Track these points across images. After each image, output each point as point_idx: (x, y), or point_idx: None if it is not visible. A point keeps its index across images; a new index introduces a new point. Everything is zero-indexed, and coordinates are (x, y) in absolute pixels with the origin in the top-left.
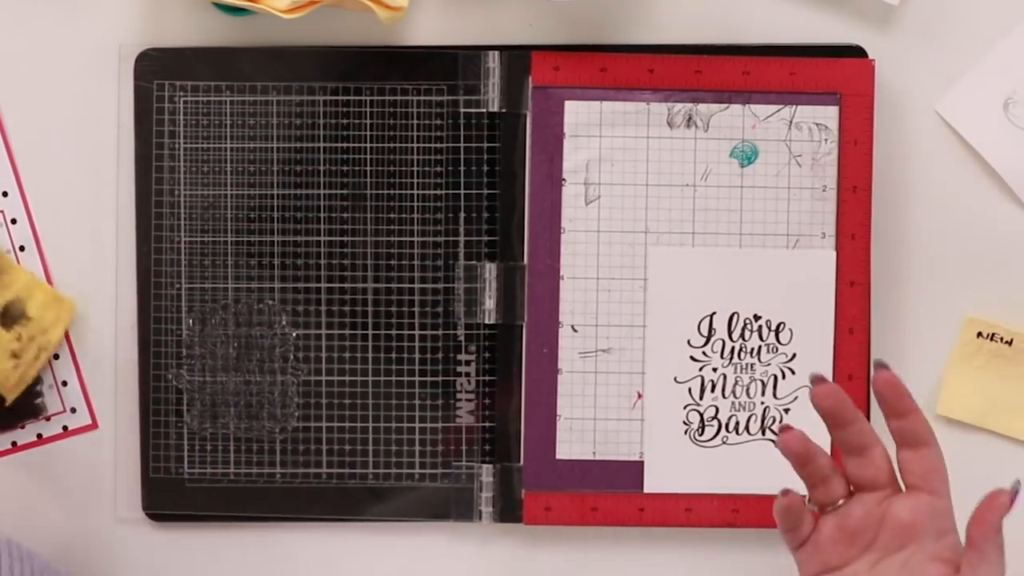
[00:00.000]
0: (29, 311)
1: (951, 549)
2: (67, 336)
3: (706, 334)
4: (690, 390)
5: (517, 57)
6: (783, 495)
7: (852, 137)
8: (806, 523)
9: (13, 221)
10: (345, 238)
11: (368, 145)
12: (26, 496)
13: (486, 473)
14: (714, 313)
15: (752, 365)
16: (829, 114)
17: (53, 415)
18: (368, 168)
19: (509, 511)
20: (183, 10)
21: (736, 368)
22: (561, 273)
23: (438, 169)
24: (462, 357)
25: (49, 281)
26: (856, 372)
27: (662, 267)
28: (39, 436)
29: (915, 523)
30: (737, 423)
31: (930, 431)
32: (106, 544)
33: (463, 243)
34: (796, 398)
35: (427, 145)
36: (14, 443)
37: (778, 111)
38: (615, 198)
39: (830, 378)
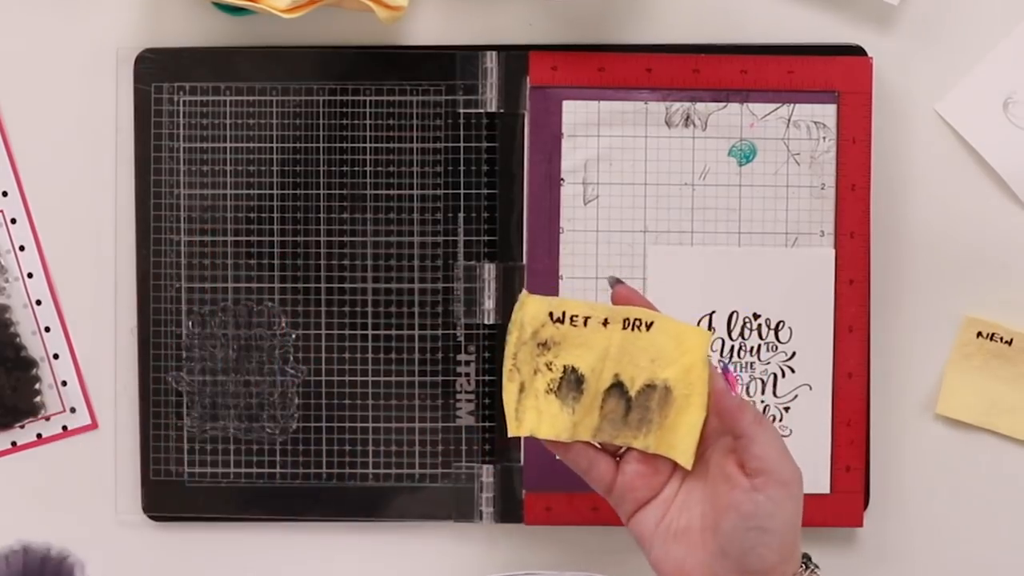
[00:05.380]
0: None
1: None
2: (67, 336)
3: None
4: None
5: (515, 57)
6: (565, 448)
7: (850, 135)
8: (601, 464)
9: (13, 221)
10: (345, 238)
11: (367, 145)
12: (26, 496)
13: (486, 473)
14: (713, 312)
15: (752, 364)
16: (827, 112)
17: (53, 415)
18: (367, 168)
19: (510, 511)
20: (182, 10)
21: (736, 367)
22: (560, 273)
23: (437, 169)
24: (462, 357)
25: (49, 281)
26: (856, 370)
27: (661, 266)
28: (39, 436)
29: (705, 428)
30: None
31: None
32: (106, 544)
33: (462, 243)
34: (796, 396)
35: (426, 145)
36: (14, 443)
37: (776, 110)
38: (614, 197)
39: (829, 377)
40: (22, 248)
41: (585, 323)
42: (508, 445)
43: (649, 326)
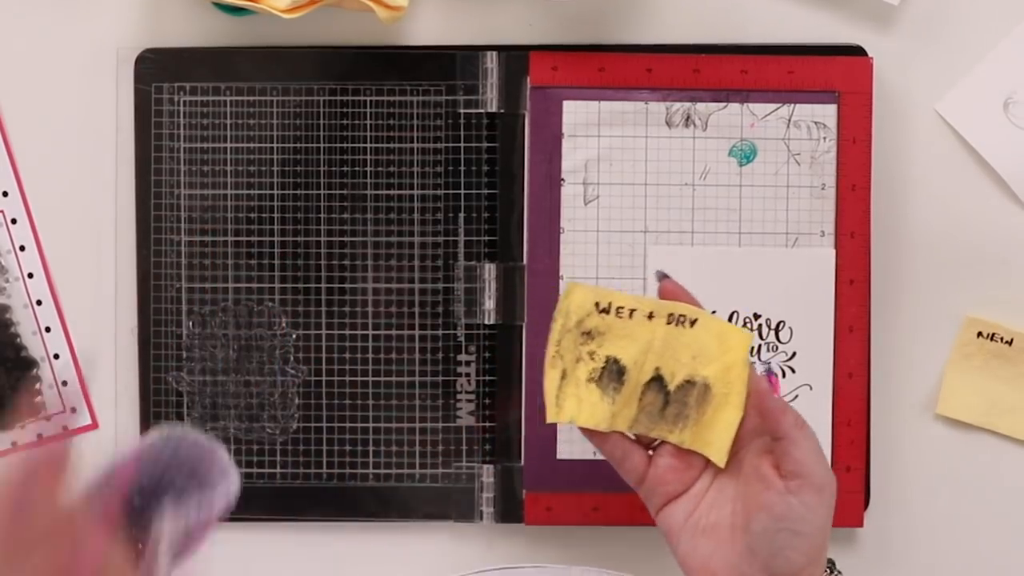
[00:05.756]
0: None
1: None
2: (67, 336)
3: None
4: None
5: (515, 57)
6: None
7: (851, 135)
8: (635, 456)
9: (13, 221)
10: (345, 238)
11: (367, 145)
12: None
13: (487, 473)
14: (714, 312)
15: (752, 363)
16: (828, 112)
17: (53, 415)
18: (367, 168)
19: (510, 511)
20: (182, 10)
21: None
22: (560, 273)
23: (437, 169)
24: (462, 357)
25: (49, 281)
26: (856, 370)
27: (661, 266)
28: (39, 436)
29: (742, 427)
30: None
31: None
32: None
33: (463, 243)
34: (797, 396)
35: (426, 145)
36: (14, 443)
37: (776, 110)
38: (614, 198)
39: (830, 377)
40: (22, 248)
41: (630, 315)
42: (508, 445)
43: (693, 323)
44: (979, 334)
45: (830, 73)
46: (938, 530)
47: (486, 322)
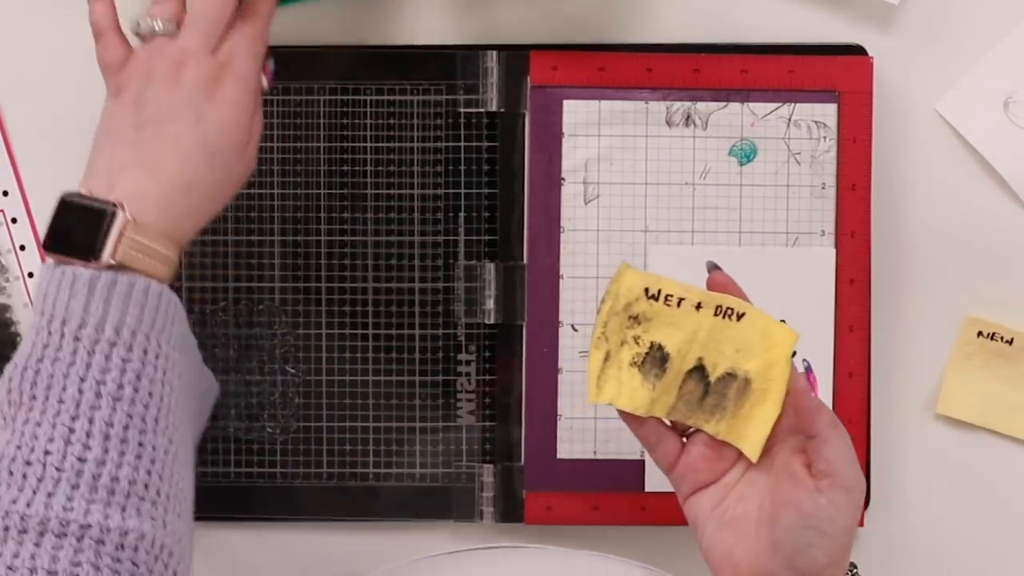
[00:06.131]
0: None
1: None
2: None
3: None
4: None
5: (515, 57)
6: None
7: (851, 135)
8: (669, 442)
9: (13, 220)
10: (345, 238)
11: (368, 145)
12: None
13: (487, 473)
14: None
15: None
16: (828, 112)
17: None
18: (368, 168)
19: (510, 511)
20: None
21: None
22: (561, 272)
23: (437, 169)
24: (462, 357)
25: None
26: (856, 370)
27: (662, 265)
28: None
29: (778, 424)
30: None
31: None
32: None
33: (463, 243)
34: None
35: (426, 145)
36: None
37: (776, 109)
38: (614, 197)
39: (830, 377)
40: (22, 248)
41: (679, 304)
42: (508, 445)
43: (740, 317)
44: (979, 334)
45: (830, 73)
46: (938, 530)
47: (486, 322)
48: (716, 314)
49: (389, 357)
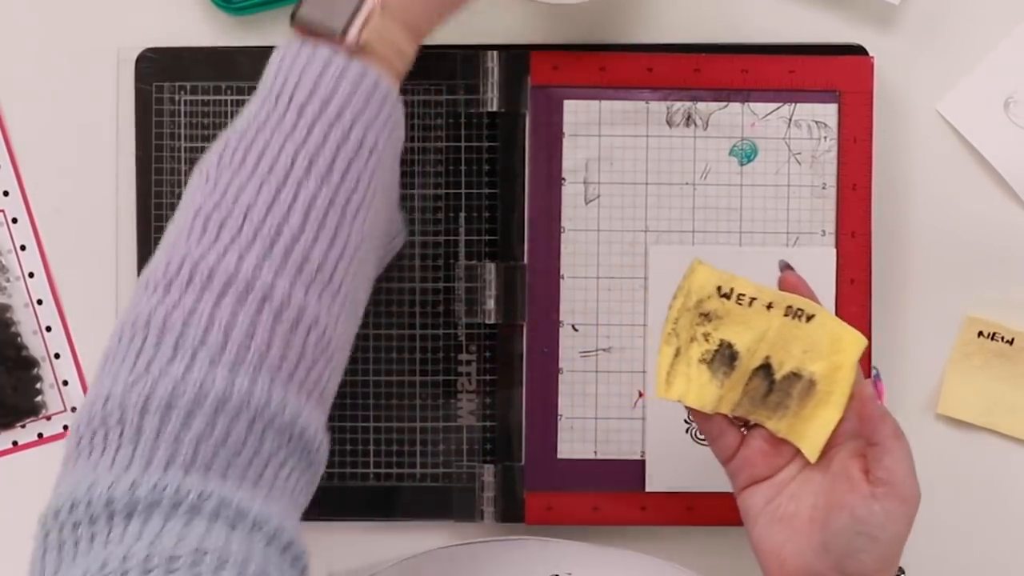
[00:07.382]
0: None
1: None
2: (68, 335)
3: None
4: None
5: (516, 57)
6: (705, 418)
7: (851, 135)
8: (730, 435)
9: (14, 220)
10: None
11: None
12: (27, 496)
13: (487, 473)
14: None
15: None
16: (828, 112)
17: (54, 414)
18: None
19: (511, 511)
20: (183, 10)
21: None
22: (561, 272)
23: (438, 169)
24: (462, 357)
25: (50, 280)
26: None
27: (662, 266)
28: (40, 436)
29: (839, 427)
30: None
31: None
32: None
33: (463, 243)
34: None
35: (427, 145)
36: (15, 443)
37: (777, 109)
38: (615, 197)
39: None
40: (23, 247)
41: (750, 304)
42: (509, 445)
43: (810, 318)
44: (980, 334)
45: (831, 73)
46: (938, 530)
47: (487, 322)
48: (786, 314)
49: (390, 357)
